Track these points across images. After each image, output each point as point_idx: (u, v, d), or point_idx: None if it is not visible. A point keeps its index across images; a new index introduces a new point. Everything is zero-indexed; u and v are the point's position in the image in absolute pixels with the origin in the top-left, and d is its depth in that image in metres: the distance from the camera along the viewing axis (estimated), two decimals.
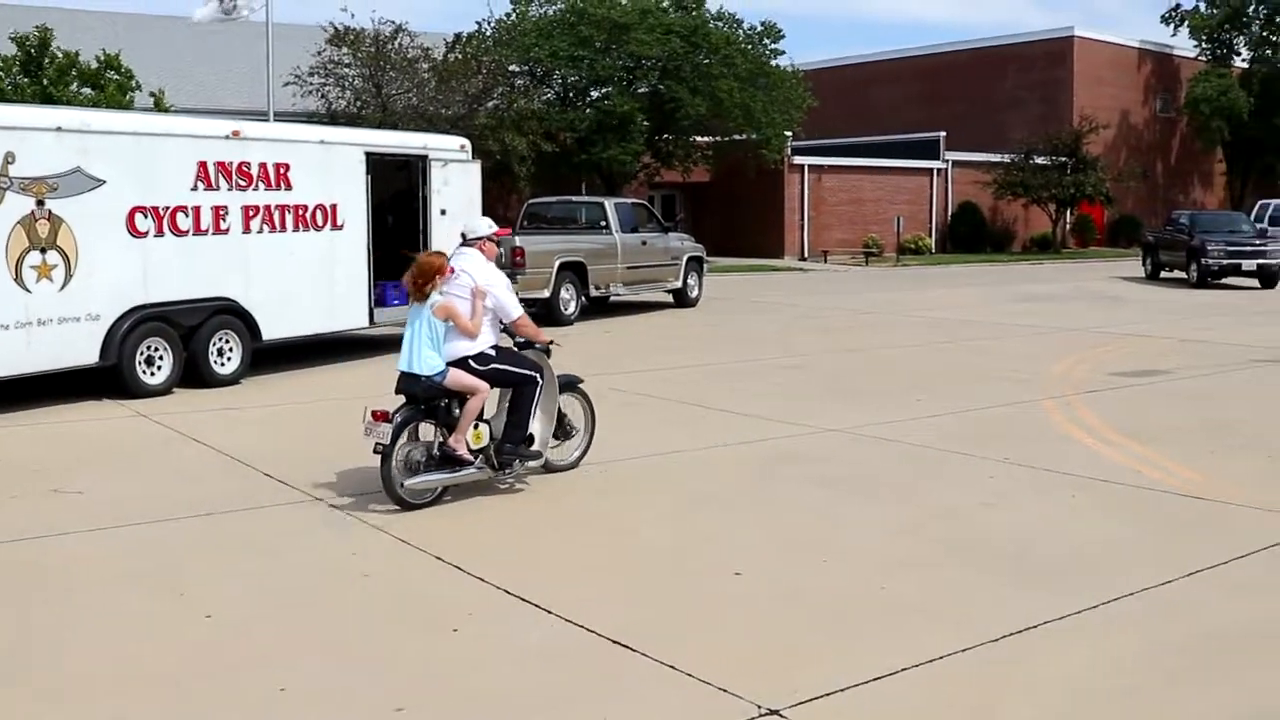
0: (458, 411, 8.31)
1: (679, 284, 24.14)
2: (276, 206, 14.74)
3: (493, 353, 8.50)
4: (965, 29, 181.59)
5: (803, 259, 43.96)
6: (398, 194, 17.77)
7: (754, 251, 43.08)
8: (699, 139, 40.11)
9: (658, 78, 37.79)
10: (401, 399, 8.39)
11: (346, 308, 16.01)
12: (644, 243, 23.10)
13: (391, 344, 17.84)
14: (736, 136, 39.91)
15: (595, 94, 38.08)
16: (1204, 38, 59.06)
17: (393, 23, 31.82)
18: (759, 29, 40.02)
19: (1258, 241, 31.94)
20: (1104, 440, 10.58)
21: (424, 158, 17.31)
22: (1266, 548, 7.22)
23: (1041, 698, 5.13)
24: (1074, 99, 53.90)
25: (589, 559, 7.15)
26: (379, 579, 6.71)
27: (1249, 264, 31.00)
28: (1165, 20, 61.00)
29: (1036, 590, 6.45)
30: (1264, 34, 58.88)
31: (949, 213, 49.36)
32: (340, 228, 15.68)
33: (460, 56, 32.61)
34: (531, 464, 8.78)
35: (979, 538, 7.55)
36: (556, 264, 20.54)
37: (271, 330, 14.66)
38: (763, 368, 15.75)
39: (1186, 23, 59.64)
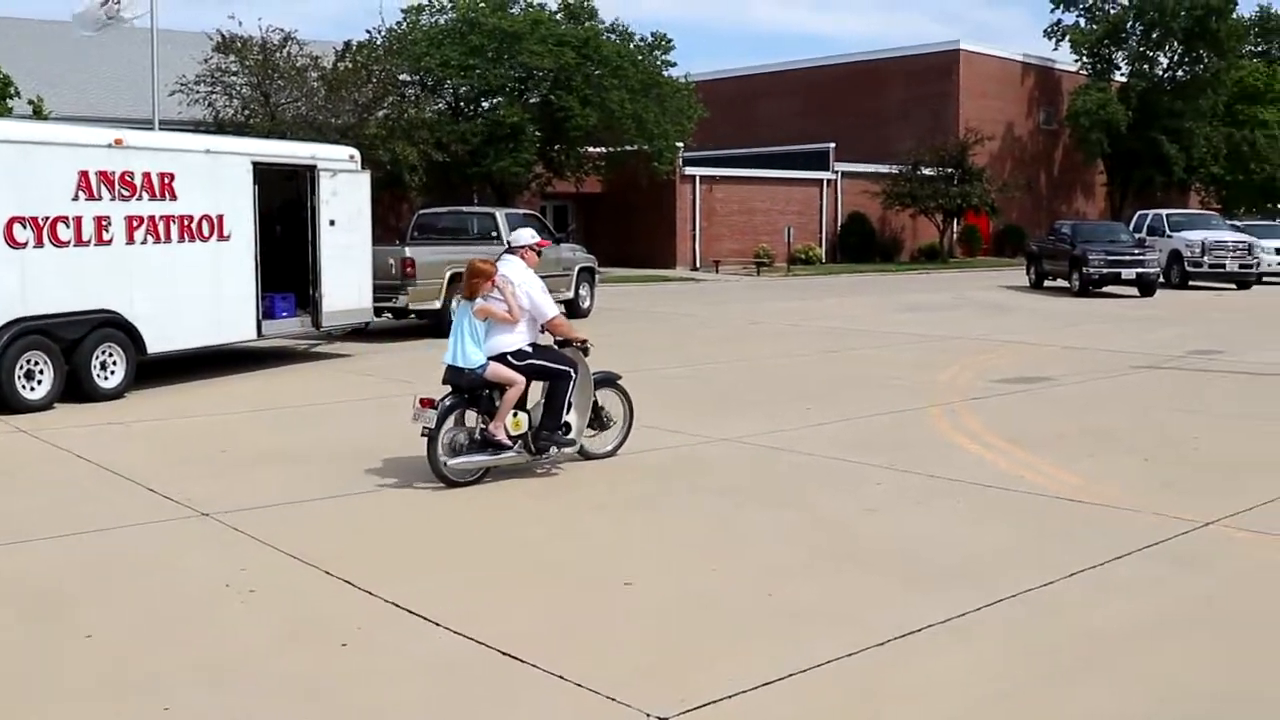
0: (498, 401, 9.20)
1: (570, 295, 24.14)
2: (161, 217, 14.48)
3: (530, 349, 9.42)
4: (852, 41, 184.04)
5: (695, 269, 44.21)
6: (286, 204, 17.57)
7: (646, 262, 43.25)
8: (591, 149, 40.17)
9: (549, 88, 37.77)
10: (448, 389, 9.22)
11: (234, 320, 15.77)
12: None
13: (279, 356, 17.73)
14: (628, 147, 40.02)
15: (486, 104, 37.97)
16: (1084, 52, 60.48)
17: (281, 31, 31.46)
18: (650, 40, 40.20)
19: (1136, 251, 32.75)
20: (988, 446, 10.78)
21: (313, 168, 17.14)
22: (1142, 548, 7.40)
23: (926, 701, 5.21)
24: (960, 111, 54.86)
25: (478, 571, 7.12)
26: (266, 594, 6.62)
27: (1128, 273, 31.79)
28: (1047, 35, 62.37)
29: (922, 594, 6.55)
30: (1141, 49, 60.45)
31: (839, 223, 49.96)
32: (227, 238, 15.45)
33: (350, 65, 32.30)
34: (566, 450, 9.70)
35: (866, 543, 7.66)
36: (447, 275, 20.40)
37: (156, 343, 14.39)
38: (654, 377, 15.79)
39: (1068, 37, 61.03)
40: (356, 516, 8.36)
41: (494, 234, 22.54)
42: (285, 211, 17.60)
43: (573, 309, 24.29)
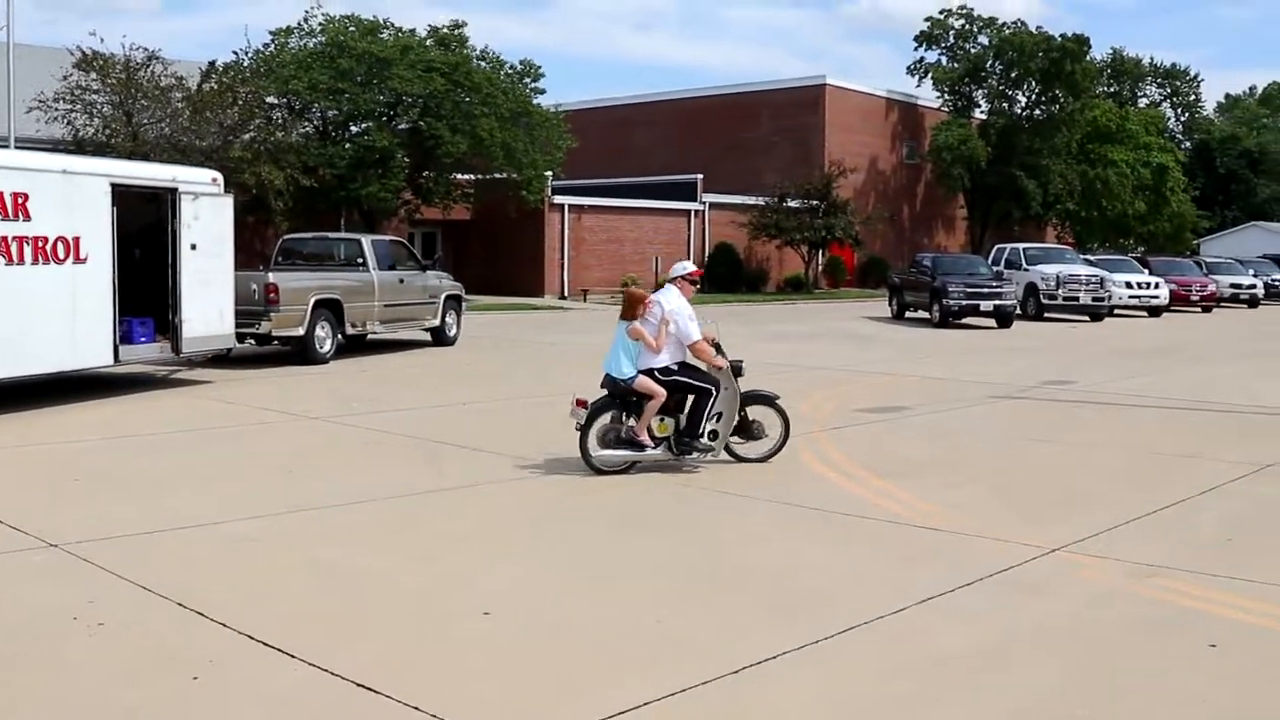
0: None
1: (437, 322, 24.00)
2: (14, 238, 14.11)
3: (675, 367, 10.90)
4: (721, 74, 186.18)
5: (563, 298, 44.27)
6: (147, 227, 17.25)
7: (515, 290, 43.18)
8: (460, 177, 40.06)
9: (419, 114, 37.63)
10: (604, 392, 10.92)
11: (89, 345, 15.40)
12: (402, 280, 22.92)
13: (138, 383, 17.34)
14: (498, 175, 39.99)
15: (355, 129, 37.69)
16: (946, 89, 62.04)
17: (145, 49, 30.90)
18: (519, 68, 40.26)
19: (995, 284, 33.61)
20: (847, 475, 10.97)
21: (174, 191, 16.84)
22: (991, 574, 7.60)
23: None
24: (825, 144, 55.81)
25: (334, 602, 7.03)
26: (116, 626, 6.47)
27: (986, 305, 32.59)
28: (910, 72, 63.95)
29: (780, 621, 6.64)
30: (1000, 88, 62.20)
31: (706, 253, 50.39)
32: (83, 261, 15.10)
33: (216, 86, 31.83)
34: (706, 456, 11.06)
35: (727, 571, 7.74)
36: (312, 301, 20.17)
37: (6, 368, 14.01)
38: (520, 405, 15.81)
39: (930, 75, 62.59)
40: (211, 548, 8.22)
41: (360, 260, 22.36)
42: (146, 234, 17.27)
43: (439, 336, 24.18)
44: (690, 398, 10.95)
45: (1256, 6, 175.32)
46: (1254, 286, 48.88)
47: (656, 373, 10.79)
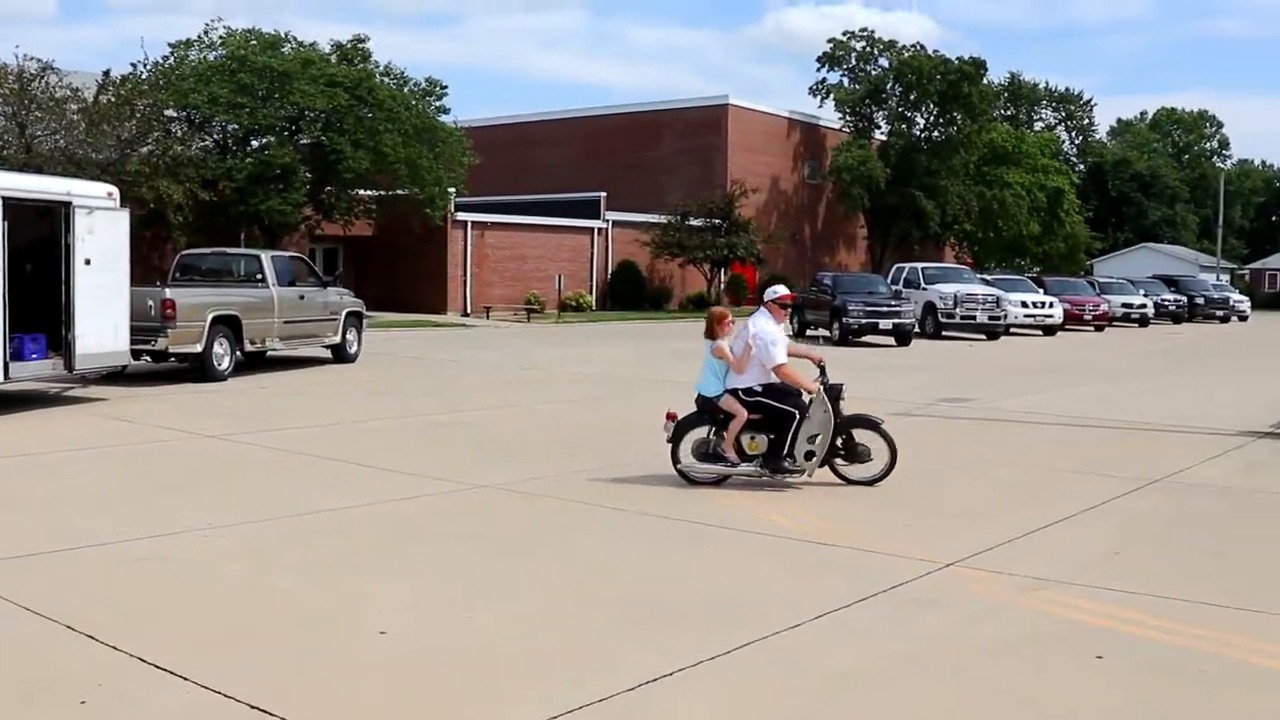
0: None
1: (338, 339, 23.81)
2: None
3: (759, 389, 11.06)
4: (625, 93, 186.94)
5: (466, 315, 44.14)
6: (39, 241, 16.89)
7: (417, 307, 42.98)
8: (362, 193, 39.82)
9: (321, 129, 37.35)
10: (695, 408, 11.36)
11: None
12: (302, 297, 22.71)
13: (29, 401, 16.98)
14: (401, 192, 39.82)
15: (256, 143, 37.32)
16: (847, 111, 62.91)
17: (38, 60, 30.35)
18: (424, 85, 40.15)
19: (894, 302, 34.10)
20: (742, 491, 11.05)
21: (68, 204, 16.53)
22: (885, 590, 7.70)
23: None
24: (728, 164, 56.29)
25: (228, 622, 6.94)
26: (5, 650, 6.34)
27: (885, 323, 33.06)
28: (813, 93, 64.79)
29: (673, 638, 6.67)
30: (900, 109, 63.20)
31: (609, 271, 50.58)
32: None
33: (113, 98, 31.34)
34: (798, 476, 11.17)
35: (620, 588, 7.78)
36: (209, 317, 19.90)
37: None
38: (420, 423, 15.73)
39: (832, 96, 63.41)
40: (103, 569, 8.08)
41: (259, 277, 22.11)
42: (38, 249, 16.92)
43: (340, 354, 23.98)
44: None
45: (1144, 35, 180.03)
46: (1144, 306, 50.07)
47: (740, 393, 11.04)
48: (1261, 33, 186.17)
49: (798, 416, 10.99)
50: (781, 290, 11.70)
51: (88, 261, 16.68)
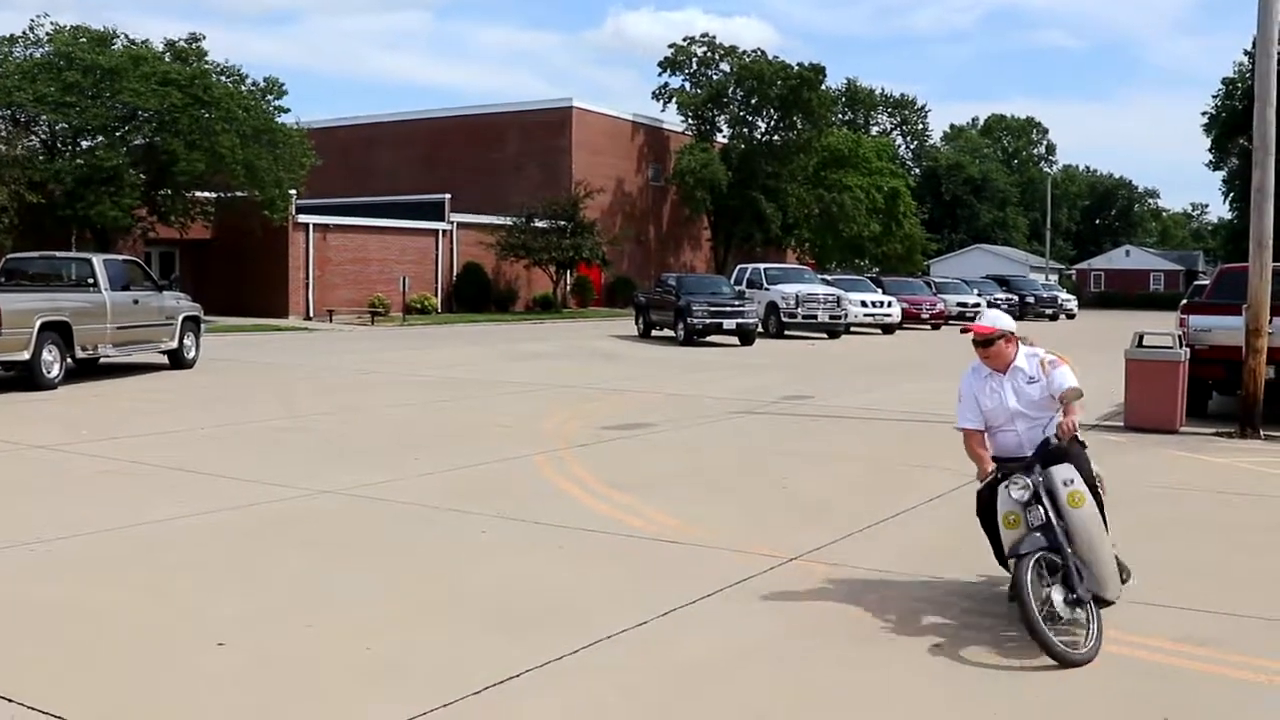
0: None
1: (174, 344, 23.20)
2: None
3: None
4: (466, 95, 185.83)
5: (308, 319, 43.43)
6: None
7: (259, 311, 42.17)
8: (200, 195, 38.90)
9: (154, 130, 36.39)
10: None
11: None
12: (136, 301, 22.06)
13: None
14: (239, 194, 39.01)
15: (86, 143, 36.20)
16: (690, 114, 63.44)
17: None
18: (262, 85, 39.39)
19: (737, 303, 34.50)
20: (591, 492, 11.05)
21: None
22: (733, 584, 7.76)
23: None
24: (572, 166, 56.32)
25: (57, 641, 6.65)
26: None
27: (729, 323, 33.42)
28: (655, 97, 65.18)
29: (521, 640, 6.63)
30: (741, 114, 63.97)
31: (454, 273, 50.24)
32: None
33: None
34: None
35: (468, 592, 7.70)
36: (38, 324, 19.19)
37: None
38: (260, 429, 15.40)
39: (674, 100, 63.89)
40: None
41: (91, 281, 21.41)
42: None
43: (177, 359, 23.38)
44: None
45: (972, 45, 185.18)
46: (978, 305, 51.39)
47: None
48: (1080, 44, 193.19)
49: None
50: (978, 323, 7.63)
51: None
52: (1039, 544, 6.64)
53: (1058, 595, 6.50)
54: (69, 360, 20.12)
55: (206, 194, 39.43)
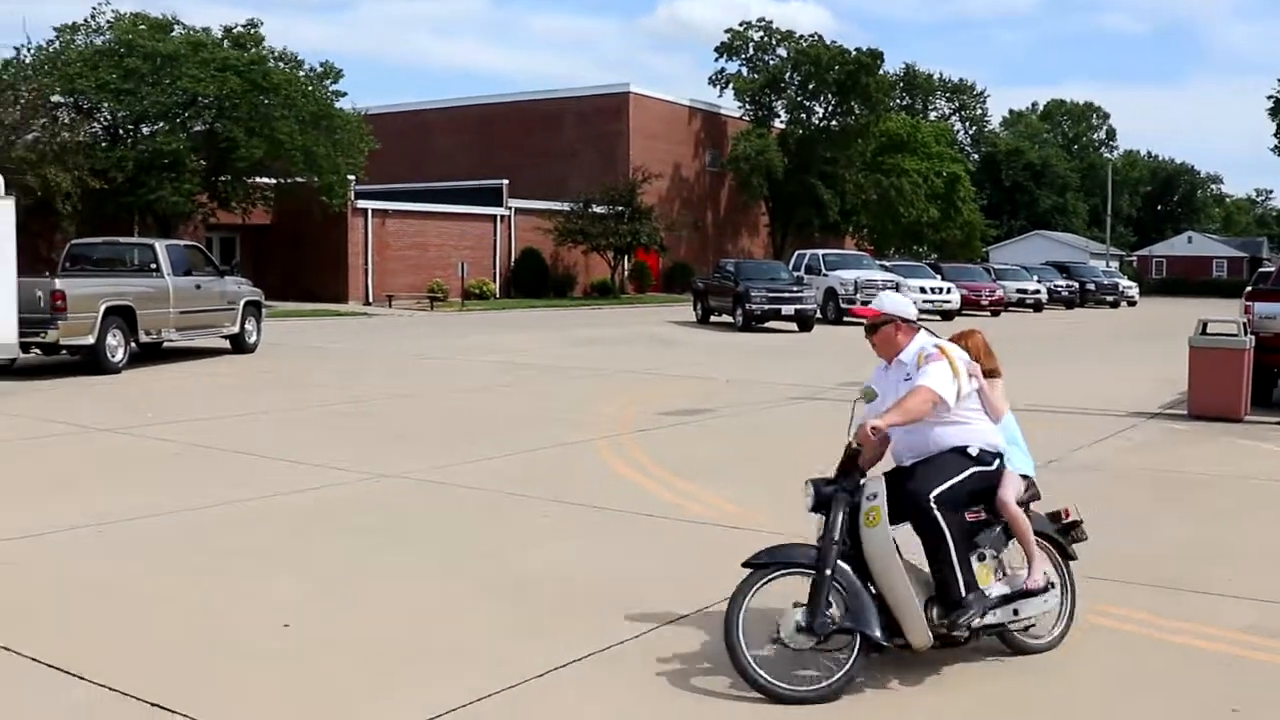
0: None
1: (236, 329, 23.41)
2: None
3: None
4: (523, 81, 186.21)
5: (368, 304, 43.64)
6: None
7: (319, 296, 42.43)
8: (259, 180, 39.17)
9: (214, 116, 36.66)
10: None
11: None
12: (198, 286, 22.26)
13: None
14: (298, 180, 39.23)
15: (147, 130, 36.55)
16: (746, 99, 63.13)
17: None
18: (319, 70, 39.55)
19: (795, 289, 34.37)
20: (652, 476, 11.04)
21: None
22: None
23: None
24: (630, 151, 56.20)
25: (125, 621, 6.74)
26: None
27: (788, 309, 33.29)
28: (712, 82, 64.91)
29: (582, 624, 6.63)
30: (799, 99, 63.59)
31: (512, 259, 50.30)
32: None
33: None
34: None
35: (527, 578, 7.69)
36: (102, 308, 19.42)
37: None
38: (321, 413, 15.50)
39: (731, 85, 63.64)
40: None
41: (153, 266, 21.62)
42: None
43: (239, 344, 23.59)
44: None
45: (1032, 29, 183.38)
46: (1038, 292, 51.06)
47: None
48: (1142, 27, 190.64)
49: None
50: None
51: None
52: (781, 556, 6.03)
53: (792, 618, 5.75)
54: (133, 344, 20.35)
55: (266, 180, 39.68)
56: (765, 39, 64.38)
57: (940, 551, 5.85)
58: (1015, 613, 6.08)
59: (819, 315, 35.50)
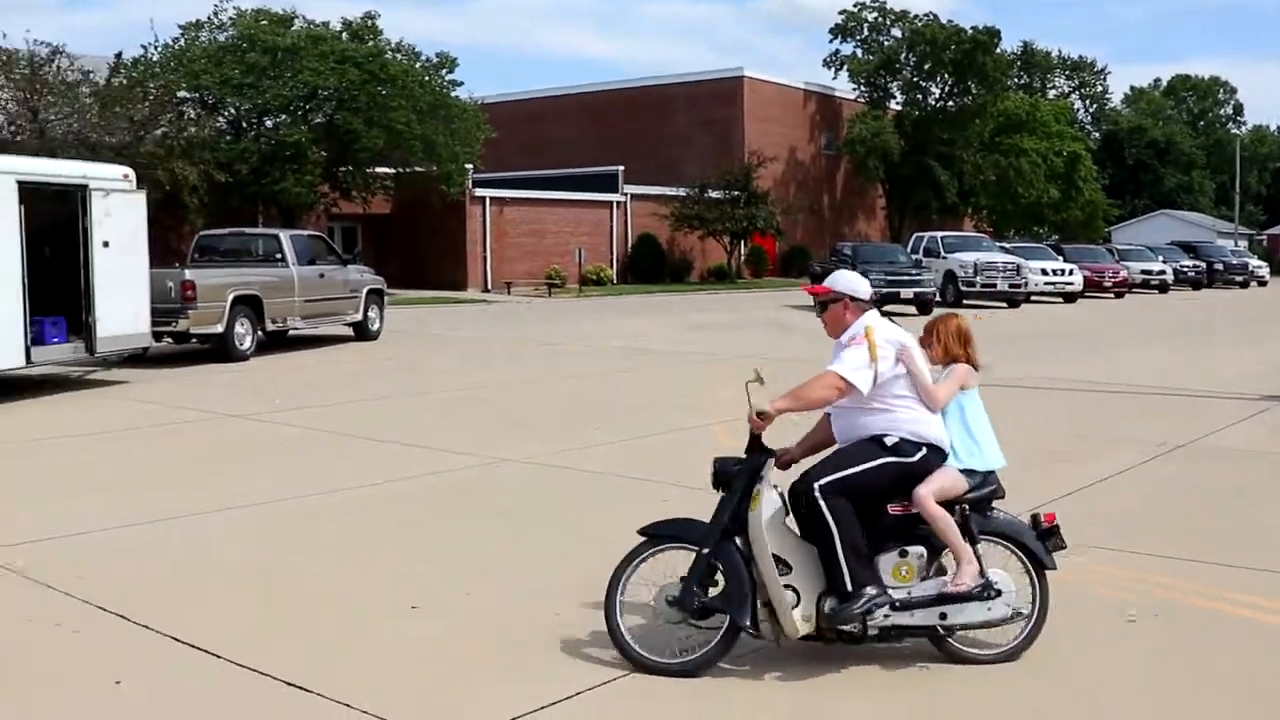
0: None
1: (359, 317, 23.81)
2: None
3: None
4: (636, 67, 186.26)
5: (486, 291, 44.07)
6: (57, 225, 16.84)
7: (438, 284, 42.94)
8: (379, 170, 39.74)
9: (334, 108, 37.26)
10: None
11: None
12: (322, 275, 22.69)
13: (52, 384, 16.98)
14: (417, 169, 39.73)
15: (269, 123, 37.27)
16: (861, 82, 62.56)
17: (49, 44, 30.30)
18: (435, 60, 39.97)
19: (914, 271, 34.03)
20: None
21: (84, 187, 16.51)
22: None
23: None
24: (744, 136, 56.01)
25: (258, 602, 6.89)
26: (35, 632, 6.32)
27: (907, 292, 32.96)
28: (827, 64, 64.43)
29: None
30: (914, 80, 62.83)
31: (629, 244, 50.45)
32: None
33: (124, 81, 31.32)
34: None
35: None
36: (230, 298, 19.90)
37: None
38: (442, 399, 15.70)
39: (845, 67, 63.09)
40: (132, 550, 8.07)
41: (278, 256, 22.10)
42: (56, 232, 16.88)
43: (362, 331, 23.98)
44: None
45: (1154, 2, 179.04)
46: (1164, 273, 49.82)
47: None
48: None
49: None
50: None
51: (106, 244, 16.67)
52: (671, 530, 6.07)
53: (668, 590, 5.78)
54: (260, 332, 20.79)
55: (385, 169, 40.23)
56: (880, 20, 63.73)
57: (827, 542, 5.63)
58: (943, 616, 5.76)
59: (938, 298, 35.06)
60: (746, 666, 5.81)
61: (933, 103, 63.39)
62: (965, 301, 36.61)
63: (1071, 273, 41.26)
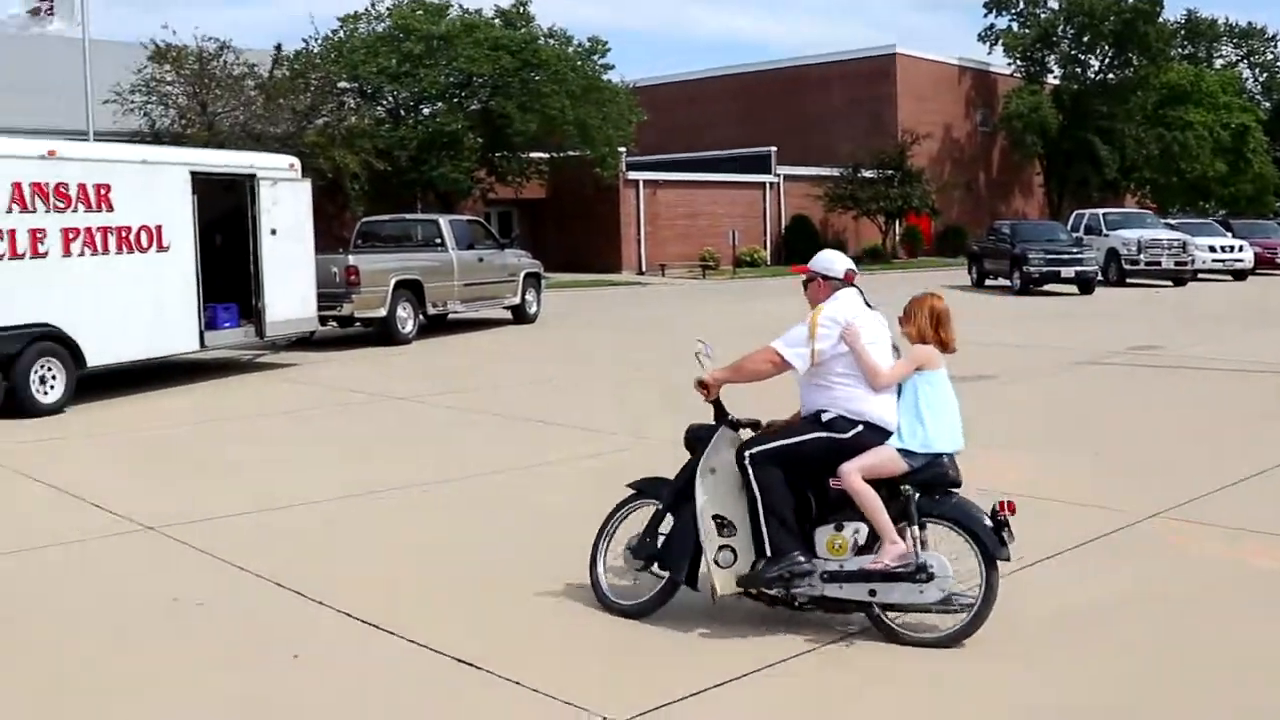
0: None
1: (517, 300, 24.09)
2: (98, 228, 14.29)
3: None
4: (787, 48, 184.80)
5: (641, 273, 44.22)
6: (227, 214, 17.37)
7: (593, 266, 43.18)
8: (534, 155, 40.12)
9: (489, 95, 37.69)
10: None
11: (175, 331, 15.59)
12: (480, 259, 23.01)
13: (224, 368, 17.55)
14: (571, 153, 40.02)
15: (426, 111, 37.87)
16: (1017, 56, 61.16)
17: (216, 40, 31.17)
18: (587, 45, 40.15)
19: (1075, 250, 33.14)
20: None
21: (252, 177, 16.99)
22: (1089, 540, 7.47)
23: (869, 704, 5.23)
24: (898, 114, 55.23)
25: (430, 580, 7.03)
26: (216, 608, 6.53)
27: (1067, 271, 32.14)
28: (981, 39, 63.07)
29: None
30: (1072, 52, 61.22)
31: (783, 225, 50.15)
32: (166, 249, 15.27)
33: (287, 73, 32.10)
34: None
35: None
36: (392, 282, 20.31)
37: (96, 356, 14.21)
38: (602, 381, 15.81)
39: (1001, 41, 61.71)
40: (305, 529, 8.29)
41: (438, 241, 22.48)
42: (226, 221, 17.40)
43: (520, 314, 24.26)
44: None
45: None
46: None
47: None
48: None
49: None
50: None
51: (273, 232, 17.14)
52: (647, 487, 6.62)
53: (631, 540, 6.33)
54: (421, 316, 21.17)
55: (540, 154, 40.58)
56: None
57: (752, 507, 5.92)
58: (872, 593, 5.76)
59: (1100, 277, 34.14)
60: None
61: (1092, 76, 61.69)
62: (1129, 280, 35.63)
63: (1241, 249, 39.80)
